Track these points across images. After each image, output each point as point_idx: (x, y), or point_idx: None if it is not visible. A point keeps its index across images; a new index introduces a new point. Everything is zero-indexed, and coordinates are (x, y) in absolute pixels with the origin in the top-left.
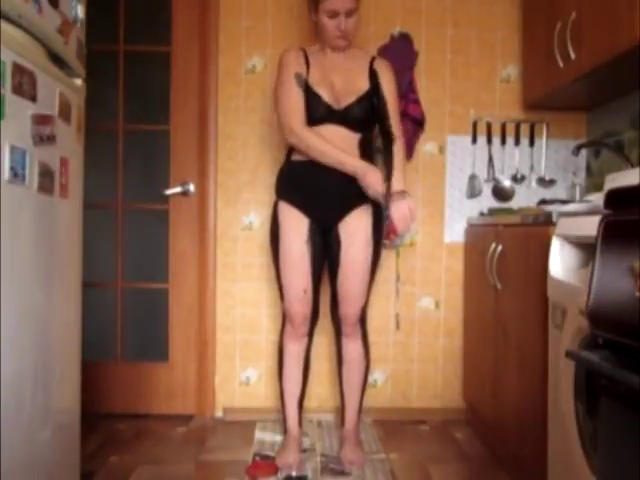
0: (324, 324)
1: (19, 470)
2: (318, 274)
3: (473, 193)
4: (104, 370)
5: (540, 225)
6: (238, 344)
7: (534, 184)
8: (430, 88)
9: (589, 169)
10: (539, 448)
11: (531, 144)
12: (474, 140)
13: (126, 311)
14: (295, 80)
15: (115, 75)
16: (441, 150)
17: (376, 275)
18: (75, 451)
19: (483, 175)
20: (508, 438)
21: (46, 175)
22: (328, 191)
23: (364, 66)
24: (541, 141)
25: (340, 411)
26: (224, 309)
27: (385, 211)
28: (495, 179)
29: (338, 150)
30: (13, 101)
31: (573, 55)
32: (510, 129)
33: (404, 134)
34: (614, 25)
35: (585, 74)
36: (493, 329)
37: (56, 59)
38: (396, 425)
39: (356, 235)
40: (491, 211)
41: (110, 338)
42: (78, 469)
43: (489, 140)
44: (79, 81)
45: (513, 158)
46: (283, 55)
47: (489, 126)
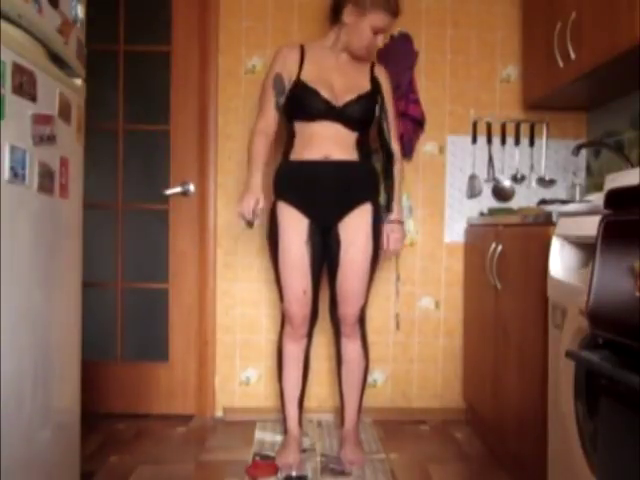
0: (323, 324)
1: (19, 470)
2: (317, 274)
3: (473, 193)
4: (104, 370)
5: (540, 225)
6: (238, 344)
7: (534, 184)
8: (430, 88)
9: (589, 169)
10: (539, 448)
11: (531, 144)
12: (474, 140)
13: (126, 311)
14: (272, 82)
15: (115, 75)
16: (441, 150)
17: (375, 275)
18: (75, 451)
19: (483, 175)
20: (508, 438)
21: (46, 175)
22: (327, 191)
23: (365, 70)
24: (541, 141)
25: (340, 411)
26: (224, 309)
27: (387, 200)
28: (495, 179)
29: (257, 164)
30: (13, 101)
31: (573, 55)
32: (510, 129)
33: (404, 134)
34: (614, 25)
35: (585, 74)
36: (493, 329)
37: (56, 59)
38: (396, 425)
39: (356, 235)
40: (491, 211)
41: (110, 338)
42: (78, 469)
43: (489, 140)
44: (79, 81)
45: (513, 158)
46: (276, 51)
47: (489, 126)
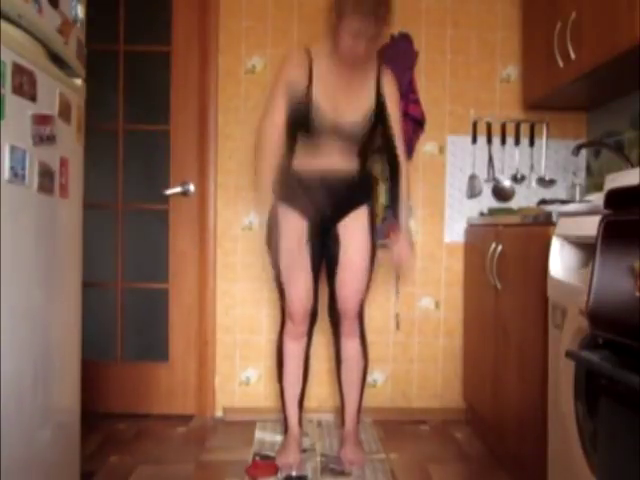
0: (323, 325)
1: (19, 470)
2: (317, 273)
3: (473, 193)
4: (104, 370)
5: (540, 225)
6: (238, 344)
7: (534, 184)
8: (430, 88)
9: (589, 169)
10: (539, 448)
11: (531, 144)
12: (474, 140)
13: (126, 311)
14: (285, 89)
15: (115, 75)
16: (441, 150)
17: (375, 275)
18: (75, 451)
19: (483, 175)
20: (508, 438)
21: (46, 175)
22: (327, 196)
23: (372, 79)
24: (541, 141)
25: (340, 411)
26: (224, 309)
27: (387, 212)
28: (495, 179)
29: (269, 160)
30: (13, 101)
31: (573, 55)
32: (510, 129)
33: (404, 134)
34: (614, 25)
35: (585, 74)
36: (493, 329)
37: (56, 59)
38: (396, 425)
39: (354, 235)
40: (491, 211)
41: (110, 338)
42: (78, 469)
43: (489, 140)
44: (79, 81)
45: (513, 158)
46: (286, 58)
47: (489, 126)
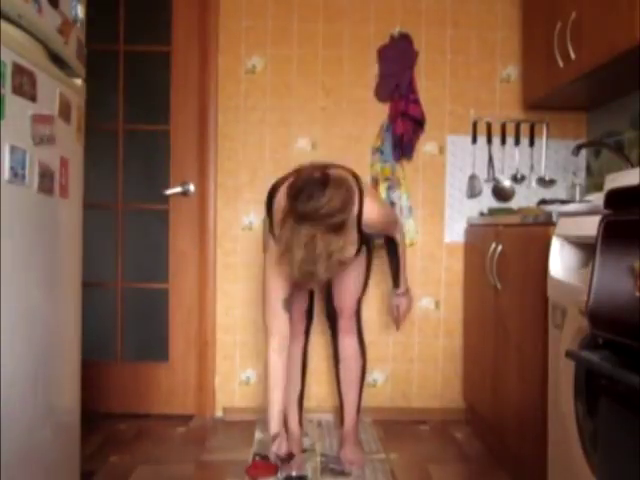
0: (323, 325)
1: (19, 470)
2: None
3: (473, 193)
4: (104, 370)
5: (540, 225)
6: (238, 344)
7: (534, 184)
8: (430, 88)
9: (589, 169)
10: (539, 448)
11: (531, 144)
12: (474, 140)
13: (126, 311)
14: (282, 304)
15: (115, 75)
16: (441, 150)
17: (374, 275)
18: (75, 451)
19: (483, 175)
20: (508, 438)
21: (46, 175)
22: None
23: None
24: (541, 141)
25: (339, 411)
26: (224, 309)
27: (388, 199)
28: (495, 179)
29: (278, 402)
30: (13, 101)
31: (573, 55)
32: (510, 129)
33: (404, 134)
34: (614, 25)
35: (585, 74)
36: (493, 329)
37: (56, 59)
38: (396, 425)
39: None
40: (491, 211)
41: (110, 338)
42: (78, 469)
43: (489, 140)
44: (79, 81)
45: (513, 158)
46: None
47: (489, 126)
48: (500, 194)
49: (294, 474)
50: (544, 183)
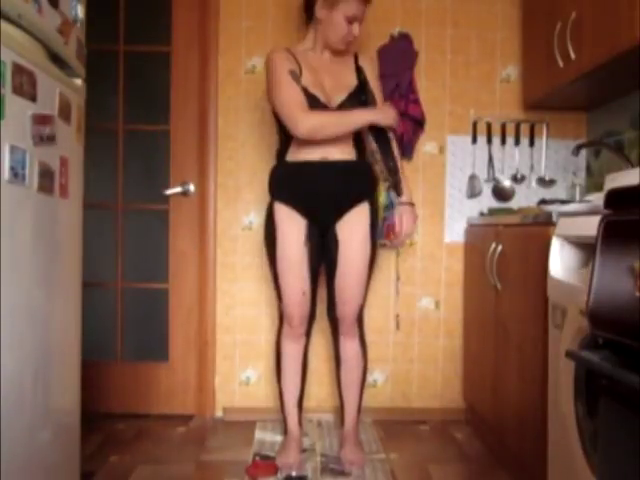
0: (323, 324)
1: (19, 470)
2: (315, 274)
3: (473, 193)
4: (104, 370)
5: (540, 225)
6: (238, 344)
7: (534, 184)
8: (430, 88)
9: (589, 169)
10: (539, 448)
11: (531, 144)
12: (474, 140)
13: (126, 311)
14: (291, 76)
15: (115, 75)
16: (441, 150)
17: (375, 275)
18: (75, 451)
19: (483, 175)
20: (508, 438)
21: (46, 175)
22: (325, 191)
23: (350, 64)
24: (541, 141)
25: (340, 411)
26: (224, 309)
27: (388, 198)
28: (495, 179)
29: (345, 114)
30: (13, 101)
31: (573, 55)
32: (510, 129)
33: (404, 134)
34: (614, 25)
35: (585, 74)
36: (493, 329)
37: (56, 59)
38: (396, 425)
39: (353, 235)
40: (491, 211)
41: (110, 338)
42: (78, 469)
43: (489, 140)
44: (79, 81)
45: (513, 158)
46: (272, 56)
47: (489, 126)
48: (500, 194)
49: (294, 474)
50: (544, 183)
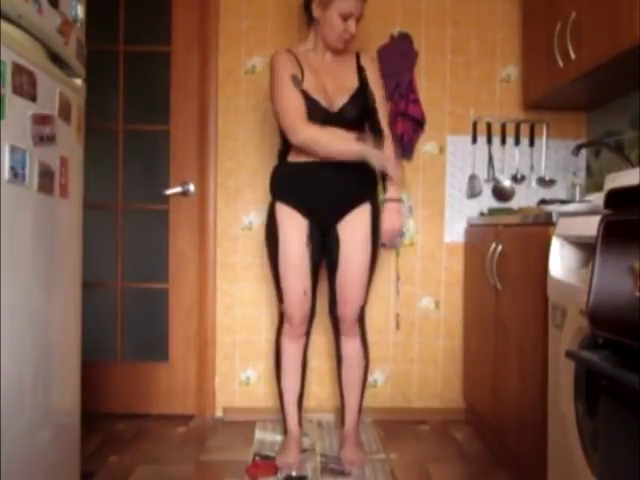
0: (324, 324)
1: (19, 470)
2: (316, 274)
3: (473, 193)
4: (104, 370)
5: (540, 225)
6: (238, 344)
7: (534, 184)
8: (430, 88)
9: (589, 169)
10: (539, 448)
11: (531, 144)
12: (474, 140)
13: (126, 311)
14: (292, 82)
15: (115, 75)
16: (441, 150)
17: (375, 275)
18: (75, 451)
19: (483, 175)
20: (508, 438)
21: (46, 175)
22: (327, 191)
23: (351, 64)
24: (541, 141)
25: (340, 411)
26: (224, 309)
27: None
28: (495, 179)
29: (341, 140)
30: (13, 101)
31: (573, 55)
32: (510, 129)
33: (404, 134)
34: (614, 25)
35: (585, 74)
36: (493, 329)
37: (56, 59)
38: (396, 425)
39: (355, 235)
40: (491, 211)
41: (110, 338)
42: (78, 469)
43: (489, 140)
44: (79, 81)
45: (513, 158)
46: (275, 58)
47: (489, 126)
48: (500, 194)
49: (294, 474)
50: (544, 183)
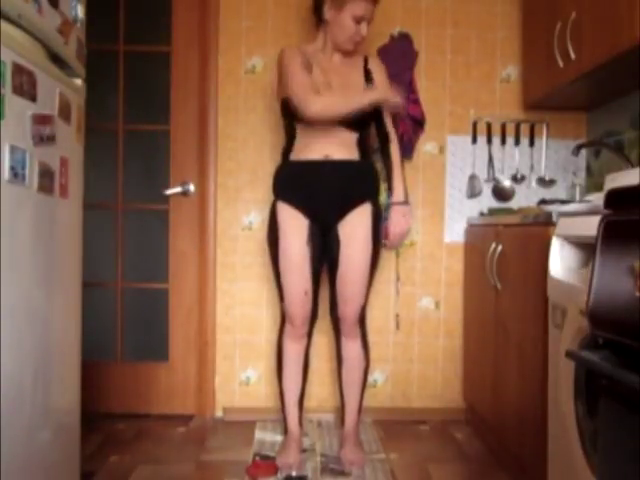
0: (324, 324)
1: (19, 470)
2: (317, 274)
3: (473, 193)
4: (104, 370)
5: (540, 225)
6: (238, 344)
7: (534, 184)
8: (430, 88)
9: (589, 169)
10: (539, 448)
11: (531, 144)
12: (474, 140)
13: (126, 311)
14: (303, 67)
15: (115, 75)
16: (441, 150)
17: (375, 275)
18: (75, 451)
19: (483, 175)
20: (508, 438)
21: (46, 175)
22: (328, 191)
23: (359, 66)
24: (541, 141)
25: (340, 411)
26: (224, 309)
27: (388, 199)
28: (495, 179)
29: (351, 97)
30: (13, 101)
31: (573, 55)
32: (510, 129)
33: (404, 134)
34: (614, 25)
35: (585, 74)
36: (493, 329)
37: (56, 59)
38: (396, 425)
39: (355, 235)
40: (491, 211)
41: (110, 338)
42: (78, 469)
43: (489, 140)
44: (79, 81)
45: (513, 158)
46: (284, 50)
47: (489, 126)
48: (500, 194)
49: (294, 474)
50: (544, 183)
